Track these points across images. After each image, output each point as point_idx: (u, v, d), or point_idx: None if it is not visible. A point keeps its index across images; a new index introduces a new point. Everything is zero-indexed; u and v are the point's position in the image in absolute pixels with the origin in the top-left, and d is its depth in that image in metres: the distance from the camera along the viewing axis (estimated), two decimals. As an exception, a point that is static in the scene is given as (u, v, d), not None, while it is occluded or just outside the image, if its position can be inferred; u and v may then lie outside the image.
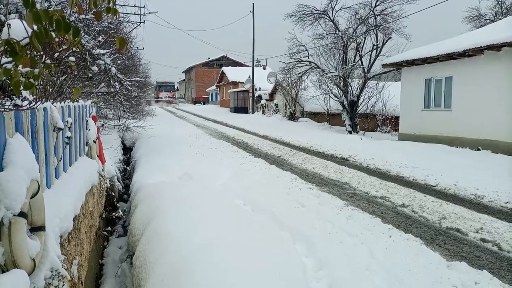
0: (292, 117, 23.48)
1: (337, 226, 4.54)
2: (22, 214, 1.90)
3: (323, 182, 7.42)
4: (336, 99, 19.84)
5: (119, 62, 12.25)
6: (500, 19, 21.99)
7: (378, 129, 20.08)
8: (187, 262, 3.14)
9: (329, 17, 19.87)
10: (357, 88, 19.38)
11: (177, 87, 63.56)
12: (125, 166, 10.36)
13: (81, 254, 3.64)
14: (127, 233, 5.54)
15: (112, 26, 11.15)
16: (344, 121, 19.49)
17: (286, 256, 3.54)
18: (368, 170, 8.77)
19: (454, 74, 12.58)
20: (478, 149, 11.00)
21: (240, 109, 35.52)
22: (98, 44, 9.23)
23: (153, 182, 6.45)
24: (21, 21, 1.87)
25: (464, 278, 3.33)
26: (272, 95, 28.97)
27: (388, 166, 8.92)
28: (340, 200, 5.87)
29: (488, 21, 25.81)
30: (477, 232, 4.67)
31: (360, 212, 5.26)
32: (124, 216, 6.81)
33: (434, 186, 7.14)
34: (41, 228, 2.25)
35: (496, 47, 10.53)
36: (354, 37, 19.23)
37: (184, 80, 74.13)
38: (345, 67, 18.92)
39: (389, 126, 19.49)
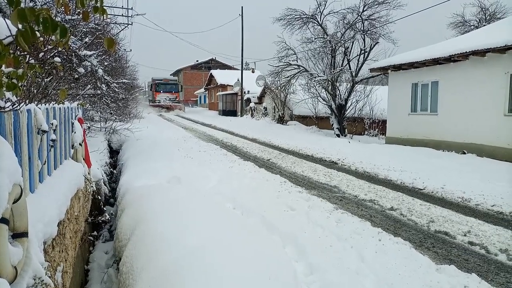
0: (281, 120, 23.52)
1: (327, 230, 4.53)
2: (3, 220, 1.83)
3: (313, 185, 7.42)
4: (325, 102, 19.95)
5: (106, 63, 12.08)
6: (484, 25, 22.50)
7: (366, 132, 20.27)
8: (177, 267, 3.07)
9: (318, 22, 20.01)
10: (345, 92, 19.54)
11: (181, 85, 45.43)
12: (111, 169, 10.19)
13: (65, 260, 3.54)
14: (114, 238, 5.42)
15: (99, 27, 11.00)
16: (333, 124, 19.61)
17: (277, 260, 3.50)
18: (356, 173, 8.81)
19: (440, 79, 12.77)
20: (464, 153, 11.16)
21: (229, 112, 35.47)
22: (84, 45, 9.08)
23: (140, 185, 6.35)
24: (4, 20, 1.80)
25: (454, 282, 3.34)
26: (261, 98, 29.00)
27: (376, 169, 8.97)
28: (330, 204, 5.86)
29: (472, 27, 26.36)
30: (465, 235, 4.71)
31: (350, 216, 5.26)
32: (110, 220, 6.68)
33: (421, 189, 7.20)
34: (24, 234, 2.16)
35: (480, 53, 10.73)
36: (342, 42, 19.39)
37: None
38: (333, 71, 19.05)
39: (377, 129, 19.69)
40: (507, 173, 8.22)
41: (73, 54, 8.14)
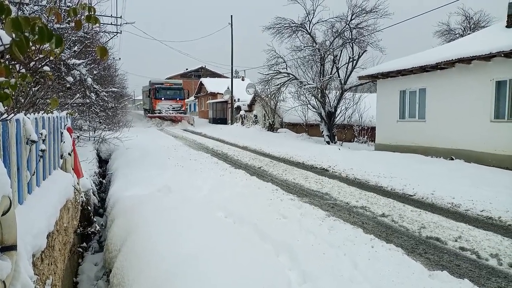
0: (271, 128, 23.59)
1: (320, 237, 4.52)
2: (-8, 234, 1.78)
3: (304, 192, 7.42)
4: (314, 110, 20.10)
5: (95, 72, 11.99)
6: (469, 33, 23.01)
7: (355, 139, 20.44)
8: (170, 276, 3.03)
9: (307, 30, 20.23)
10: (335, 100, 19.72)
11: (187, 91, 34.70)
12: (100, 179, 10.06)
13: (54, 273, 3.46)
14: (104, 249, 5.32)
15: (88, 36, 10.94)
16: (322, 131, 19.73)
17: (270, 269, 3.47)
18: (347, 180, 8.86)
19: (427, 86, 12.98)
20: (452, 159, 11.32)
21: (219, 120, 35.43)
22: (73, 54, 9.01)
23: (130, 195, 6.27)
24: (-5, 29, 1.77)
25: None
26: (251, 106, 29.07)
27: (367, 176, 9.03)
28: (322, 211, 5.87)
29: (457, 35, 26.94)
30: (456, 240, 4.75)
31: (342, 223, 5.27)
32: (100, 231, 6.57)
33: (412, 196, 7.26)
34: (13, 247, 2.11)
35: (466, 60, 10.95)
36: (331, 50, 19.63)
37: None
38: (322, 79, 19.23)
39: (366, 136, 19.87)
40: (495, 178, 8.35)
41: (62, 63, 8.06)
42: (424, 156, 11.82)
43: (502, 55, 9.91)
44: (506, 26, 11.86)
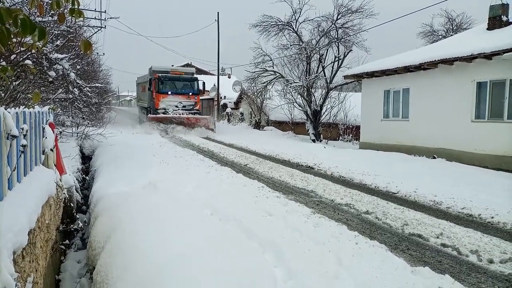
0: (257, 125, 23.62)
1: (305, 235, 4.55)
2: (-29, 230, 1.73)
3: (290, 190, 7.46)
4: (300, 108, 20.21)
5: (78, 67, 11.77)
6: (451, 35, 23.49)
7: (340, 138, 20.66)
8: (155, 276, 3.01)
9: (293, 29, 20.30)
10: (320, 98, 19.88)
11: (203, 82, 22.55)
12: (84, 175, 9.89)
13: (36, 271, 3.39)
14: (87, 246, 5.24)
15: (72, 30, 10.72)
16: (308, 130, 19.87)
17: (256, 266, 3.48)
18: (332, 178, 8.94)
19: (411, 86, 13.21)
20: (434, 157, 11.55)
21: (205, 118, 35.10)
22: (56, 48, 8.82)
23: (114, 192, 6.18)
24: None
25: (428, 283, 3.43)
26: (237, 104, 29.04)
27: (351, 174, 9.14)
28: (307, 208, 5.91)
29: (440, 37, 27.47)
30: (437, 237, 4.86)
31: (327, 220, 5.32)
32: (83, 228, 6.46)
33: (395, 193, 7.38)
34: (-7, 244, 2.06)
35: (448, 61, 11.18)
36: (317, 49, 19.76)
37: (146, 87, 72.40)
38: (308, 78, 19.34)
39: (351, 135, 20.11)
40: (475, 177, 8.56)
41: (44, 57, 7.88)
42: (407, 155, 12.03)
43: (483, 56, 10.16)
44: (487, 29, 12.15)
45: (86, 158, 12.11)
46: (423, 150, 12.24)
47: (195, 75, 22.83)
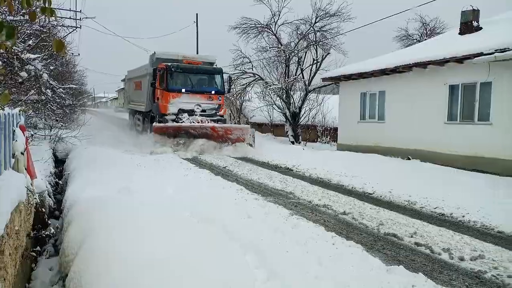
0: (236, 127, 23.58)
1: (284, 236, 4.57)
2: None
3: (269, 192, 7.48)
4: (280, 110, 20.33)
5: (52, 68, 11.45)
6: (425, 39, 24.18)
7: (319, 139, 20.88)
8: (131, 280, 2.94)
9: (272, 31, 20.42)
10: (299, 100, 20.05)
11: (229, 76, 16.25)
12: (57, 179, 9.59)
13: (4, 280, 3.26)
14: (59, 253, 5.08)
15: (45, 30, 10.42)
16: (287, 132, 20.00)
17: (237, 269, 3.47)
18: (311, 179, 9.02)
19: (387, 89, 13.50)
20: (409, 159, 11.84)
21: (184, 120, 34.68)
22: (28, 48, 8.55)
23: (89, 196, 6.02)
24: None
25: (403, 281, 3.50)
26: (216, 106, 28.87)
27: (329, 175, 9.25)
28: (286, 210, 5.94)
29: (415, 41, 28.24)
30: (411, 236, 4.97)
31: (305, 221, 5.36)
32: (55, 234, 6.27)
33: (371, 194, 7.52)
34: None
35: (422, 65, 11.50)
36: (296, 51, 19.94)
37: (123, 88, 71.26)
38: (287, 80, 19.49)
39: (329, 137, 20.35)
40: (448, 177, 8.83)
41: (15, 57, 7.63)
42: (383, 156, 12.28)
43: (455, 60, 10.50)
44: (459, 33, 12.57)
45: (59, 162, 11.76)
46: (398, 151, 12.52)
47: (216, 65, 16.29)
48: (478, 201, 6.61)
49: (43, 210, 6.30)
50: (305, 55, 20.08)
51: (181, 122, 13.55)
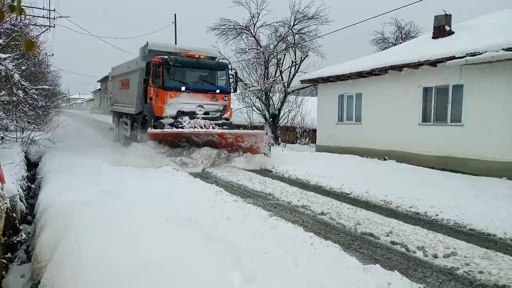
0: (215, 129, 23.47)
1: (263, 237, 4.57)
2: None
3: (248, 193, 7.48)
4: (259, 112, 20.39)
5: (23, 68, 11.09)
6: (400, 43, 24.81)
7: (298, 141, 21.05)
8: (104, 285, 2.88)
9: (251, 33, 20.48)
10: (278, 102, 20.17)
11: (235, 74, 13.40)
12: (29, 183, 9.29)
13: (-29, 288, 3.12)
14: (32, 259, 4.92)
15: (16, 29, 10.09)
16: (267, 133, 20.06)
17: (214, 271, 3.44)
18: (290, 180, 9.08)
19: (363, 91, 13.76)
20: (385, 159, 12.09)
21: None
22: (-3, 47, 8.26)
23: (63, 200, 5.86)
24: None
25: (379, 280, 3.56)
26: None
27: (308, 176, 9.33)
28: (265, 211, 5.95)
29: (390, 44, 28.92)
30: (387, 235, 5.08)
31: (284, 222, 5.38)
32: (27, 240, 6.06)
33: (349, 194, 7.64)
34: None
35: (397, 68, 11.78)
36: (275, 53, 20.06)
37: (99, 89, 69.75)
38: (266, 82, 19.57)
39: (308, 138, 20.55)
40: (422, 177, 9.06)
41: (-17, 56, 7.36)
42: (361, 157, 12.49)
43: (429, 64, 10.81)
44: (433, 37, 12.96)
45: (32, 165, 11.40)
46: (375, 152, 12.77)
47: (220, 61, 15.10)
48: (451, 200, 6.81)
49: (14, 215, 6.08)
50: (284, 57, 20.25)
51: (182, 127, 11.26)
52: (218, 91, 12.55)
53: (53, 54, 21.34)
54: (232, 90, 13.16)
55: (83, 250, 3.69)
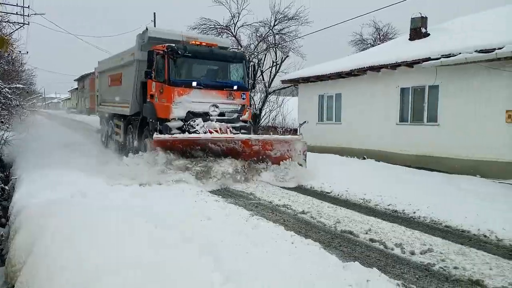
0: (196, 129, 23.30)
1: (244, 237, 4.57)
2: None
3: (229, 193, 7.46)
4: (240, 112, 20.33)
5: (-4, 66, 10.73)
6: (379, 44, 25.28)
7: (279, 141, 21.13)
8: (82, 285, 2.82)
9: (232, 33, 20.45)
10: (259, 102, 20.21)
11: (253, 66, 10.89)
12: (2, 185, 8.99)
13: None
14: (5, 263, 4.76)
15: (-12, 25, 9.75)
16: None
17: (193, 273, 3.42)
18: (271, 180, 9.08)
19: (343, 91, 13.95)
20: (364, 158, 12.30)
21: (142, 121, 33.60)
22: (-32, 43, 7.96)
23: (38, 201, 5.69)
24: None
25: (358, 277, 3.61)
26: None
27: (289, 175, 9.36)
28: (246, 211, 5.95)
29: (369, 45, 29.42)
30: (366, 233, 5.17)
31: (265, 221, 5.40)
32: (1, 243, 5.87)
33: (329, 193, 7.73)
34: None
35: (376, 68, 12.01)
36: (256, 53, 20.08)
37: (77, 89, 68.05)
38: (247, 81, 19.55)
39: (289, 138, 20.66)
40: (400, 175, 9.26)
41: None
42: (341, 156, 12.65)
43: (405, 65, 11.07)
44: (409, 39, 13.27)
45: (5, 166, 11.03)
46: (355, 151, 12.97)
47: (236, 50, 12.72)
48: (428, 198, 6.97)
49: (-13, 218, 5.88)
50: (265, 57, 20.32)
51: (194, 132, 9.02)
52: (235, 87, 10.17)
53: (27, 52, 20.67)
54: (250, 87, 10.97)
55: (57, 254, 3.61)
